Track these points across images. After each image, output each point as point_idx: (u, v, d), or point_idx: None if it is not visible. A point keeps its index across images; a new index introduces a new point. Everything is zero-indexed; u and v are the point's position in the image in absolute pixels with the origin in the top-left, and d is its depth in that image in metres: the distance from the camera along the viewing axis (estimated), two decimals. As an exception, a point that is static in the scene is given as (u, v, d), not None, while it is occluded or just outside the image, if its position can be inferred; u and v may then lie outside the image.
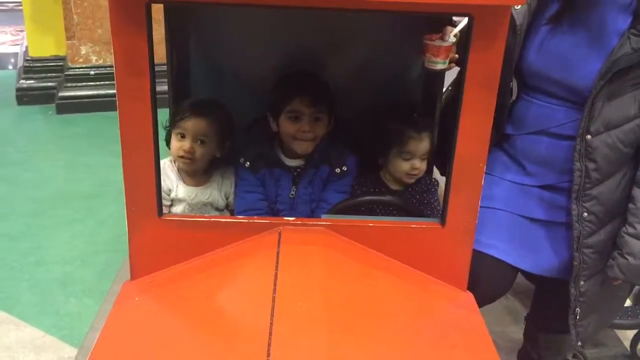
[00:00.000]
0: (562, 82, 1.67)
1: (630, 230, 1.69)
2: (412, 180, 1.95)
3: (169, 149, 1.97)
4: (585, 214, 1.70)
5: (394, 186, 1.98)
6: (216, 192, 2.02)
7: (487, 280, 1.70)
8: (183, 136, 1.92)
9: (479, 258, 1.64)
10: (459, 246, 1.52)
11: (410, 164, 1.90)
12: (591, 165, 1.67)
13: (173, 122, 1.94)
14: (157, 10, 1.44)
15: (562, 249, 1.77)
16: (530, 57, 1.70)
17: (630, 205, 1.69)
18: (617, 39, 1.59)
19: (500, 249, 1.75)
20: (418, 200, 1.97)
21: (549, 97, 1.71)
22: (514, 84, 1.74)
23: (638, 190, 1.68)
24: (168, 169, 2.00)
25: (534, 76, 1.72)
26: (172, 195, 1.99)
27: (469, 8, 1.30)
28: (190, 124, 1.91)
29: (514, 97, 1.75)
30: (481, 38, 1.32)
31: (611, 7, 1.61)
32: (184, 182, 2.00)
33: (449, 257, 1.53)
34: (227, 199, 2.03)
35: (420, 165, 1.92)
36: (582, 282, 1.74)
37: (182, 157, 1.93)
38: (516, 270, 1.79)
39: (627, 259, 1.69)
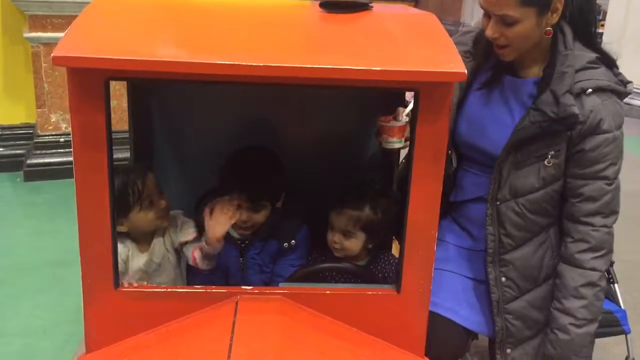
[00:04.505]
0: (484, 151, 1.77)
1: (558, 305, 1.73)
2: (337, 254, 1.92)
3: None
4: (503, 278, 1.76)
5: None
6: (162, 247, 1.94)
7: (443, 341, 1.72)
8: (152, 202, 1.85)
9: (434, 320, 1.67)
10: (415, 312, 1.54)
11: (331, 235, 1.91)
12: (502, 231, 1.74)
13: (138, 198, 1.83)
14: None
15: None
16: (460, 129, 1.81)
17: (557, 281, 1.75)
18: (523, 112, 1.70)
19: (454, 311, 1.78)
20: (380, 278, 1.97)
21: (479, 166, 1.81)
22: (453, 155, 1.81)
23: (563, 265, 1.73)
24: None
25: (465, 146, 1.82)
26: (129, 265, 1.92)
27: (415, 84, 1.37)
28: (150, 185, 1.84)
29: (454, 166, 1.82)
30: (427, 112, 1.38)
31: (527, 83, 1.73)
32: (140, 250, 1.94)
33: (406, 323, 1.55)
34: (179, 243, 1.95)
35: (341, 241, 1.90)
36: (508, 350, 1.77)
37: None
38: (469, 331, 1.81)
39: (556, 334, 1.73)
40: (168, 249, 1.94)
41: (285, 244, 1.95)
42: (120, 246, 1.81)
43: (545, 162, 1.68)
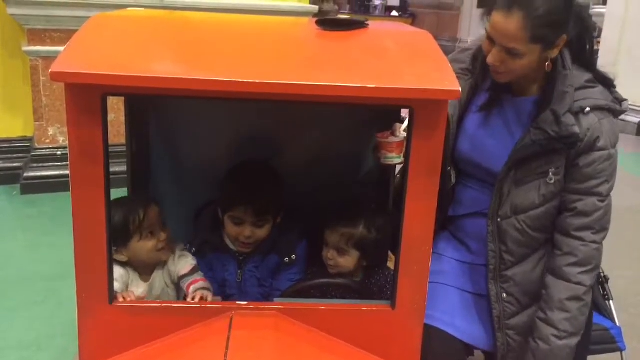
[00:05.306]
0: (484, 168, 1.78)
1: (542, 316, 1.74)
2: (332, 271, 1.92)
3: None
4: (504, 294, 1.77)
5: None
6: (162, 281, 1.94)
7: (439, 355, 1.72)
8: (152, 233, 1.84)
9: (431, 333, 1.68)
10: (410, 328, 1.55)
11: (326, 251, 1.91)
12: (502, 247, 1.75)
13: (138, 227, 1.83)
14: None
15: None
16: (460, 145, 1.82)
17: (543, 292, 1.76)
18: (523, 130, 1.72)
19: (451, 324, 1.78)
20: (376, 292, 1.97)
21: (478, 182, 1.82)
22: (452, 170, 1.82)
23: (550, 277, 1.75)
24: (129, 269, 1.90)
25: (464, 162, 1.83)
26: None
27: (409, 102, 1.38)
28: (152, 216, 1.84)
29: (453, 182, 1.83)
30: (421, 129, 1.39)
31: (527, 102, 1.74)
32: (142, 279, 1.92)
33: (400, 338, 1.55)
34: (177, 277, 1.94)
35: (335, 257, 1.90)
36: None
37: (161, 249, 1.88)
38: (467, 346, 1.81)
39: (537, 343, 1.74)
40: (167, 283, 1.94)
41: (286, 259, 1.95)
42: (120, 270, 1.82)
43: (547, 179, 1.69)
